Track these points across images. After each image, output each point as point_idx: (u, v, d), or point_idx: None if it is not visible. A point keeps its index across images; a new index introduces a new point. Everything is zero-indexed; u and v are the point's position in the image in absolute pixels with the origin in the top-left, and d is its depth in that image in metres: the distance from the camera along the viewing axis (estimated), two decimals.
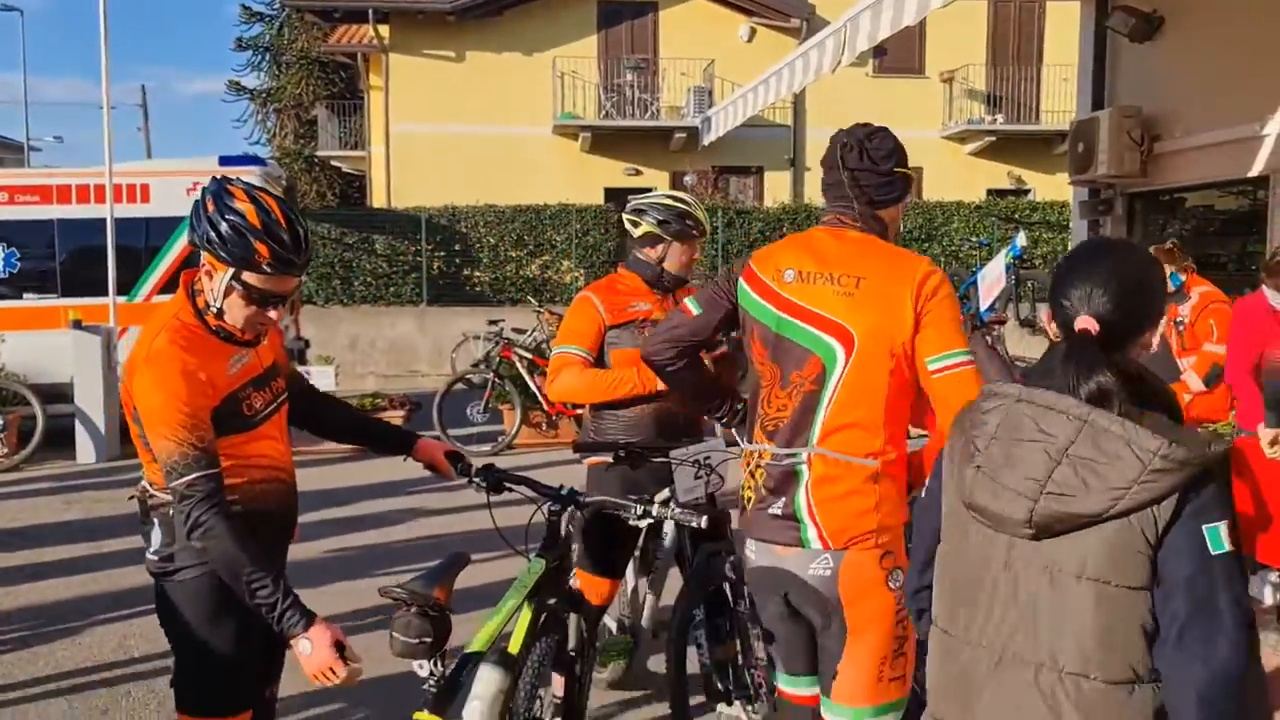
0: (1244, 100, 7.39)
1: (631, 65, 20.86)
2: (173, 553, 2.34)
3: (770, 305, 2.40)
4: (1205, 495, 1.55)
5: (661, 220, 3.51)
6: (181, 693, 2.40)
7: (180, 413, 2.19)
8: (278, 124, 31.48)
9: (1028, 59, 21.93)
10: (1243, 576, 1.57)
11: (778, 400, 2.39)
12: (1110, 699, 1.57)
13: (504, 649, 2.59)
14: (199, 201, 2.29)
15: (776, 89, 7.32)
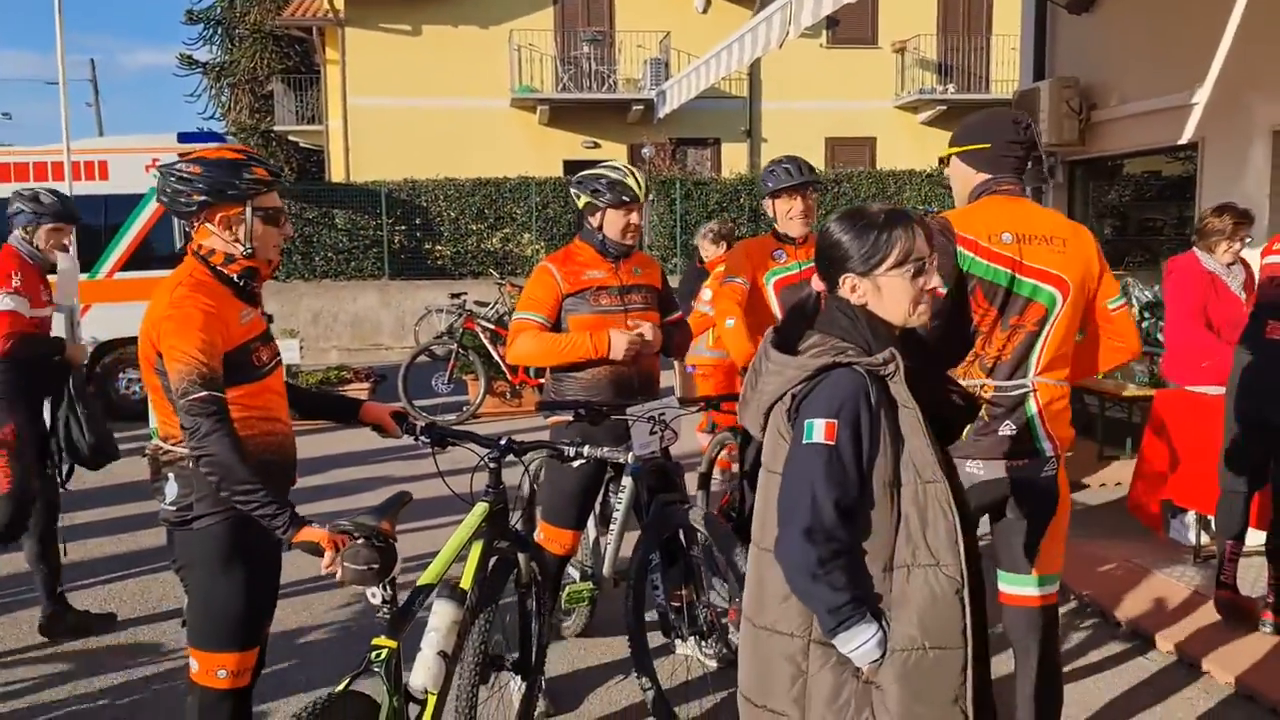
0: (1175, 70, 7.70)
1: (588, 38, 20.91)
2: (190, 503, 2.53)
3: (996, 265, 2.75)
4: (814, 395, 1.91)
5: (594, 190, 3.70)
6: (197, 631, 2.59)
7: (198, 338, 2.42)
8: (232, 98, 31.06)
9: (977, 29, 22.25)
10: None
11: (997, 341, 2.78)
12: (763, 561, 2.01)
13: (455, 583, 2.81)
14: (182, 178, 2.51)
15: (728, 62, 7.49)
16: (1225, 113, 7.37)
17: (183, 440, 2.49)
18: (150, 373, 2.52)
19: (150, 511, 6.33)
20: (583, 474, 3.72)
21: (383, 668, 2.52)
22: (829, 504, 1.85)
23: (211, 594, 2.56)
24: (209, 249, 2.57)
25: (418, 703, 2.67)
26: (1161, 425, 5.01)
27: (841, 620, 1.86)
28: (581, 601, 3.99)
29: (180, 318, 2.44)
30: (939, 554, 1.89)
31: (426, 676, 2.64)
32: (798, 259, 4.16)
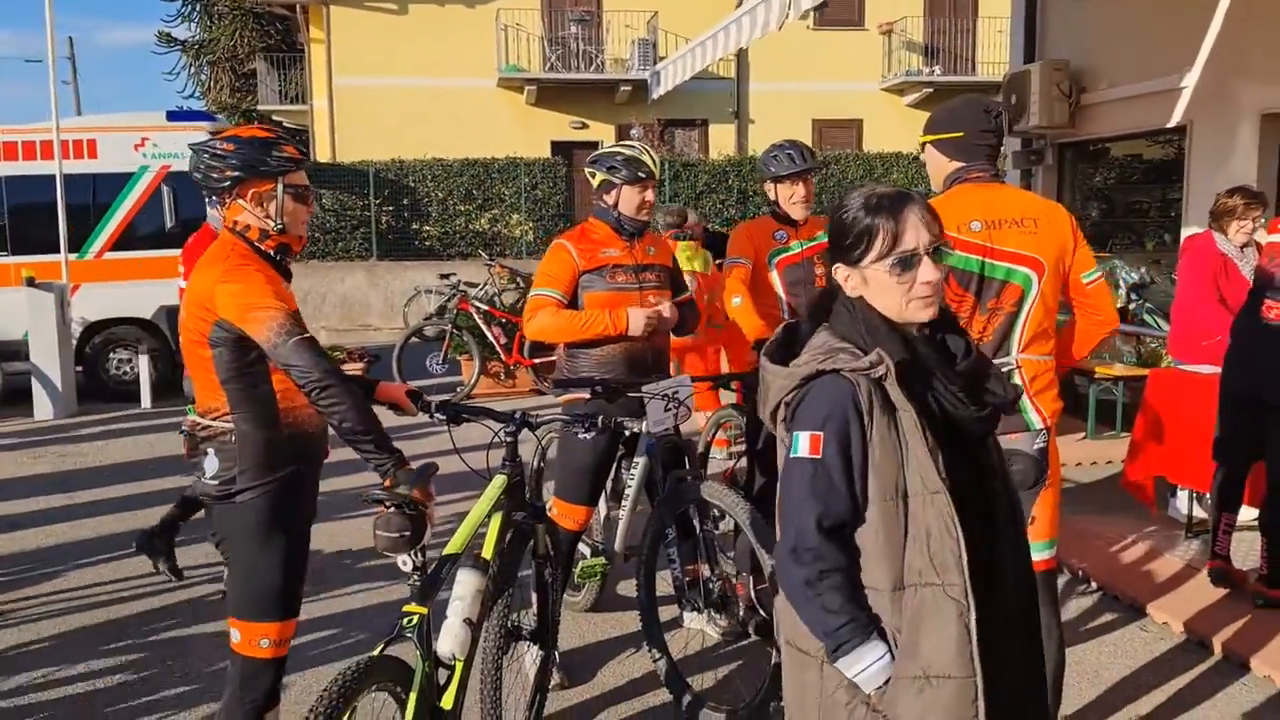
0: (1163, 54, 7.80)
1: (575, 18, 20.85)
2: (233, 476, 2.57)
3: (966, 254, 2.83)
4: (802, 406, 1.80)
5: (610, 166, 3.75)
6: (240, 602, 2.64)
7: (271, 293, 2.49)
8: (212, 77, 30.79)
9: (964, 11, 22.32)
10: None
11: (977, 325, 2.87)
12: None
13: (477, 553, 2.87)
14: (215, 154, 2.58)
15: (725, 44, 7.53)
16: (1213, 96, 7.49)
17: (226, 413, 2.55)
18: (199, 346, 2.55)
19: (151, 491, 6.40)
20: (596, 450, 3.78)
21: (414, 633, 2.58)
22: (811, 522, 1.75)
23: (255, 565, 2.61)
24: (244, 225, 2.62)
25: (446, 668, 2.73)
26: (1156, 403, 5.12)
27: (840, 643, 1.74)
28: (594, 576, 4.06)
29: (244, 279, 2.50)
30: (943, 571, 1.72)
31: (454, 644, 2.70)
32: (799, 239, 4.26)
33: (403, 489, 2.53)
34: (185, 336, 2.60)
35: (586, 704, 3.68)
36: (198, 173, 2.62)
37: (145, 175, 9.90)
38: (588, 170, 3.86)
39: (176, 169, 9.89)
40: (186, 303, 2.59)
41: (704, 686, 3.69)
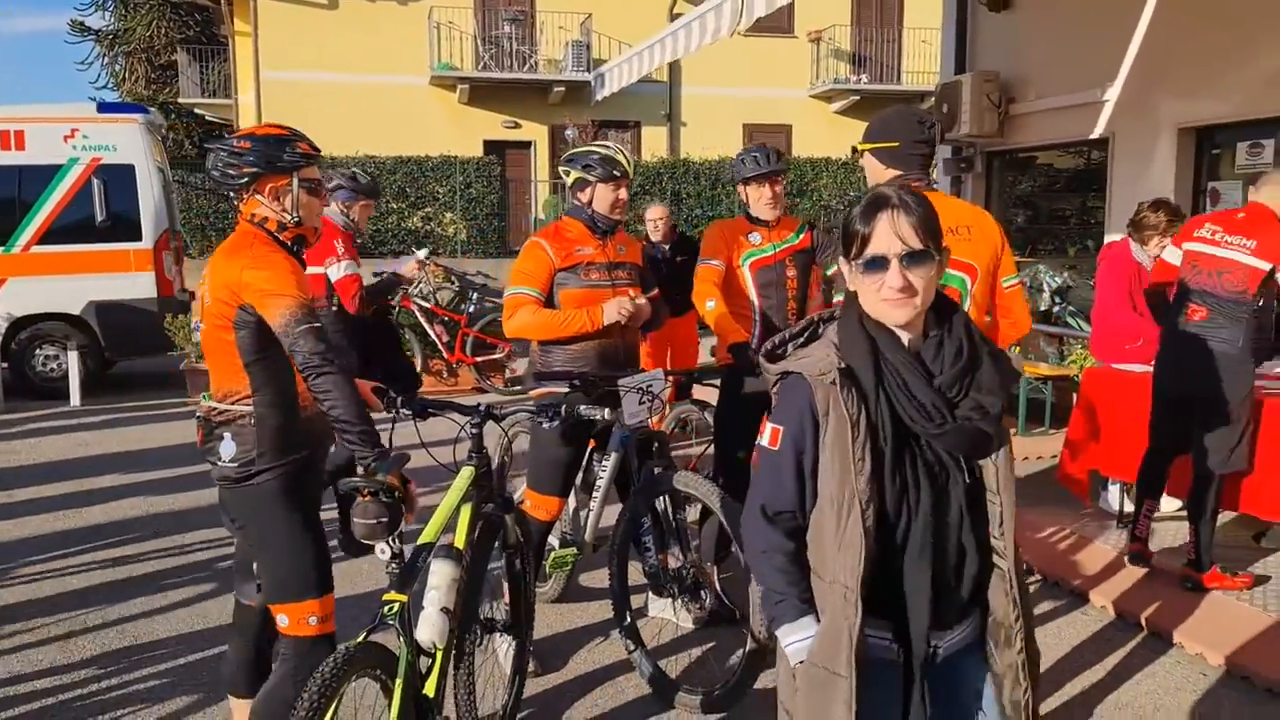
0: (1088, 68, 8.17)
1: (509, 17, 20.82)
2: (252, 458, 2.64)
3: None
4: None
5: (586, 164, 3.83)
6: (280, 585, 2.69)
7: (292, 280, 2.58)
8: (127, 68, 29.91)
9: (890, 21, 22.88)
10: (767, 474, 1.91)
11: None
12: None
13: (450, 544, 2.93)
14: (233, 152, 2.65)
15: (673, 49, 7.65)
16: (1134, 110, 7.87)
17: (244, 396, 2.62)
18: (222, 330, 2.62)
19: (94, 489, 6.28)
20: (568, 443, 3.87)
21: (396, 620, 2.61)
22: (758, 507, 1.91)
23: (287, 544, 2.67)
24: (262, 216, 2.70)
25: (427, 656, 2.79)
26: (1089, 400, 5.40)
27: (772, 617, 1.90)
28: (565, 567, 4.15)
29: (270, 266, 2.58)
30: (842, 574, 1.80)
31: (433, 632, 2.75)
32: (772, 241, 4.28)
33: (379, 476, 2.58)
34: (209, 322, 2.66)
35: (560, 691, 3.76)
36: (215, 171, 2.69)
37: (75, 167, 9.64)
38: (562, 169, 3.94)
39: (108, 161, 9.67)
40: (211, 288, 2.64)
41: (678, 672, 3.80)
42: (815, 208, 19.50)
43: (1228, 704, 3.66)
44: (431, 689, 2.75)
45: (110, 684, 3.79)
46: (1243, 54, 6.76)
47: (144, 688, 3.76)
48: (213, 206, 16.88)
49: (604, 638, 4.17)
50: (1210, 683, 3.81)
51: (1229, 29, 6.84)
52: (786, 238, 4.30)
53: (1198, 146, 7.54)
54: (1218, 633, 4.09)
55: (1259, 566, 4.74)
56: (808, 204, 19.79)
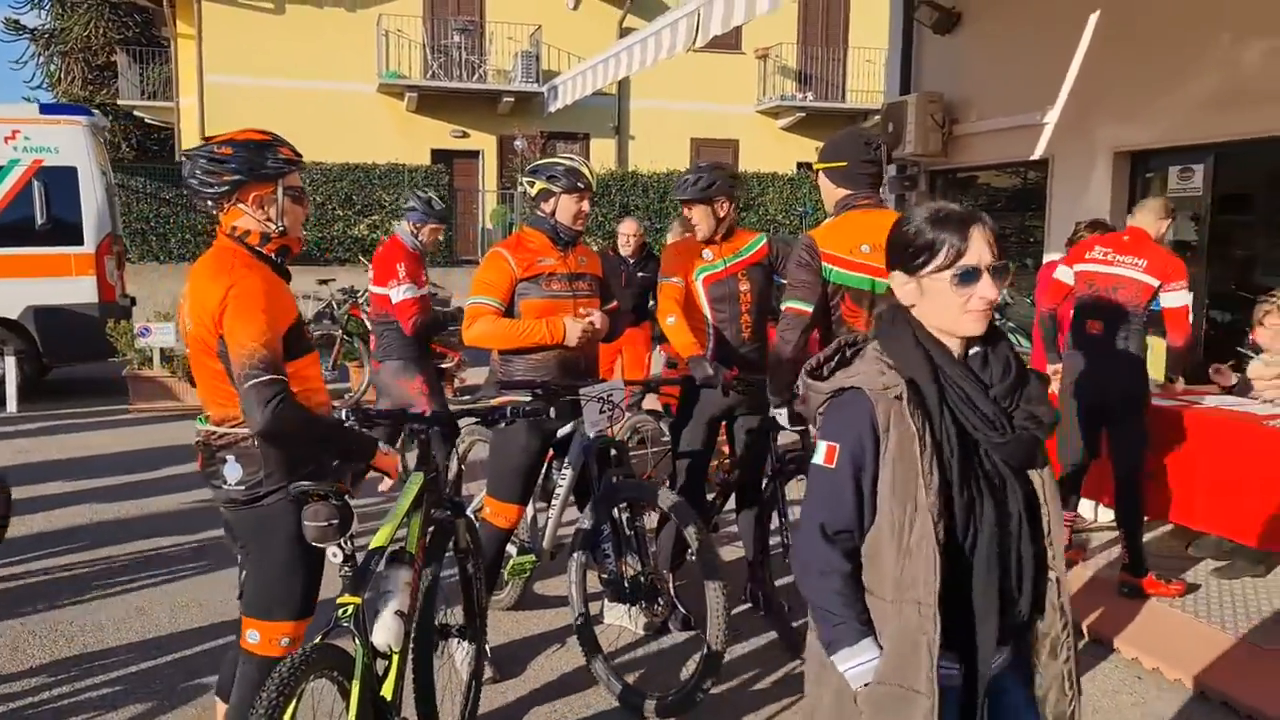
0: (1028, 91, 8.43)
1: (458, 27, 20.80)
2: (260, 479, 2.60)
3: (859, 274, 3.24)
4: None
5: (550, 175, 3.87)
6: (265, 603, 2.66)
7: (261, 320, 2.48)
8: (63, 67, 29.24)
9: (835, 41, 23.29)
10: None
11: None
12: None
13: (403, 549, 2.97)
14: (213, 159, 2.58)
15: (627, 64, 7.74)
16: (1073, 133, 8.14)
17: (239, 420, 2.56)
18: (208, 357, 2.57)
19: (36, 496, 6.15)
20: (528, 450, 3.92)
21: (351, 622, 2.62)
22: (816, 526, 1.85)
23: (285, 565, 2.64)
24: (244, 230, 2.61)
25: (384, 659, 2.81)
26: None
27: (830, 640, 1.84)
28: (523, 574, 4.18)
29: (244, 300, 2.50)
30: (917, 589, 1.76)
31: (389, 635, 2.78)
32: (723, 256, 4.36)
33: (326, 481, 2.59)
34: (194, 348, 2.60)
35: (518, 696, 3.79)
36: (193, 179, 2.58)
37: (15, 169, 9.43)
38: (525, 180, 3.99)
39: (49, 164, 9.48)
40: (192, 312, 2.56)
41: (634, 677, 3.86)
42: (761, 222, 19.74)
43: (1160, 706, 3.82)
44: (389, 691, 2.77)
45: (62, 692, 3.74)
46: (1174, 82, 7.05)
47: (96, 695, 3.72)
48: (154, 211, 16.59)
49: (561, 644, 4.21)
50: (1146, 686, 3.97)
51: (1161, 57, 7.13)
52: (739, 251, 4.38)
53: (1132, 170, 7.83)
54: (1154, 638, 4.26)
55: (1190, 575, 4.94)
56: (754, 218, 20.02)
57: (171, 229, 16.73)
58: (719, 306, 4.31)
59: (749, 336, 4.34)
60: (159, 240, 16.62)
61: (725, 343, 4.29)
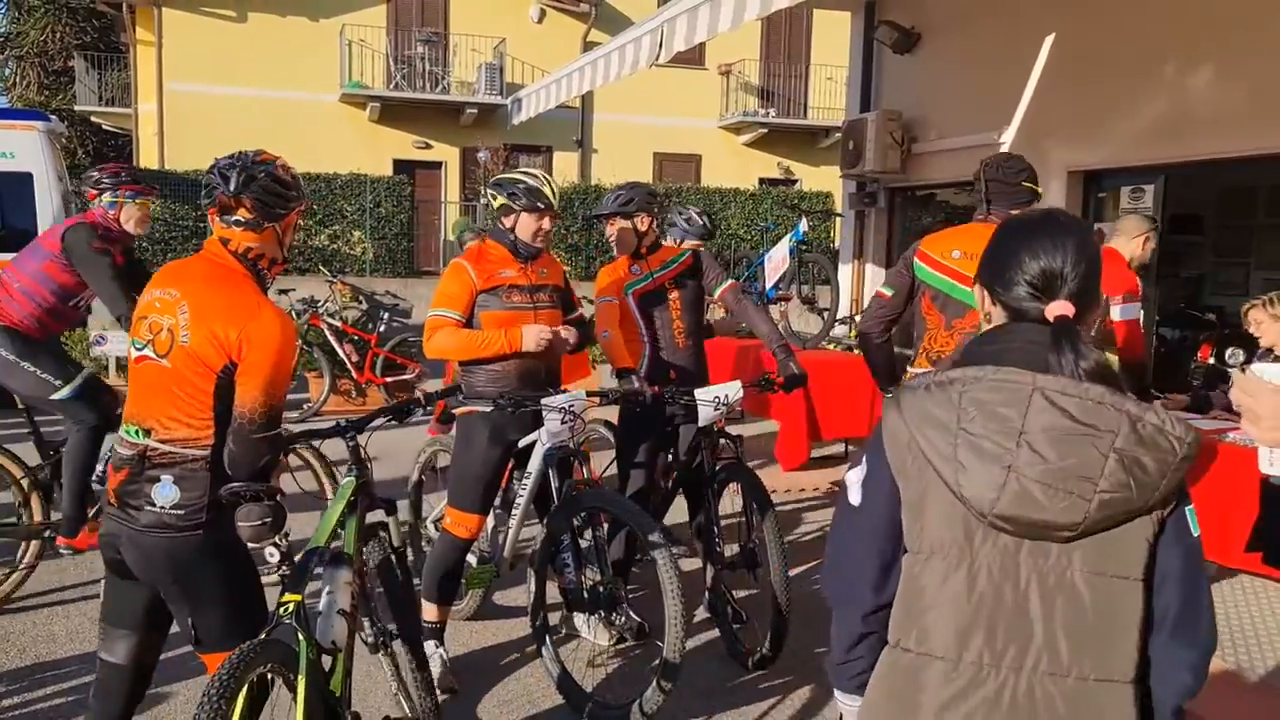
0: (984, 111, 8.61)
1: (422, 38, 20.79)
2: (204, 505, 2.52)
3: (943, 275, 3.45)
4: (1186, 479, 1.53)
5: (511, 193, 3.90)
6: (228, 631, 2.57)
7: (282, 372, 2.47)
8: (18, 72, 28.78)
9: (797, 58, 23.56)
10: None
11: (941, 339, 3.45)
12: (1126, 699, 1.52)
13: (340, 550, 2.97)
14: (282, 181, 2.60)
15: (591, 78, 7.81)
16: (1027, 152, 8.14)
17: (204, 443, 2.51)
18: (198, 376, 2.49)
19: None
20: (489, 460, 3.93)
21: (292, 618, 2.62)
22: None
23: (239, 590, 2.61)
24: (259, 252, 2.60)
25: (329, 655, 2.80)
26: None
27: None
28: (483, 584, 4.20)
29: (268, 342, 2.47)
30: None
31: (333, 632, 2.80)
32: (649, 269, 4.53)
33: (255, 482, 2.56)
34: (180, 363, 2.50)
35: (477, 706, 3.80)
36: (266, 196, 2.57)
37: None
38: (490, 192, 4.01)
39: (4, 169, 9.36)
40: (194, 328, 2.48)
41: (593, 686, 3.88)
42: (724, 236, 19.87)
43: None
44: (338, 687, 2.79)
45: (14, 703, 3.70)
46: (1125, 105, 7.24)
47: (48, 706, 3.67)
48: None
49: (519, 654, 4.23)
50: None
51: (1114, 81, 7.32)
52: (665, 262, 4.55)
53: (1085, 189, 8.01)
54: None
55: None
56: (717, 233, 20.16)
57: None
58: (651, 318, 4.49)
59: (683, 344, 4.53)
60: None
61: (660, 352, 4.50)
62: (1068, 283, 1.60)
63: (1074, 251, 1.61)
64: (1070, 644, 1.49)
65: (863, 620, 1.67)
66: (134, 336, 2.59)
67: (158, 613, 2.63)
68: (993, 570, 1.52)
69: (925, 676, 1.55)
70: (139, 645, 2.67)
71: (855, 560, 1.68)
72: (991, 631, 1.52)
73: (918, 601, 1.57)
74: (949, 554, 1.55)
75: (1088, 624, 1.49)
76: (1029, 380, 1.50)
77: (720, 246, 18.42)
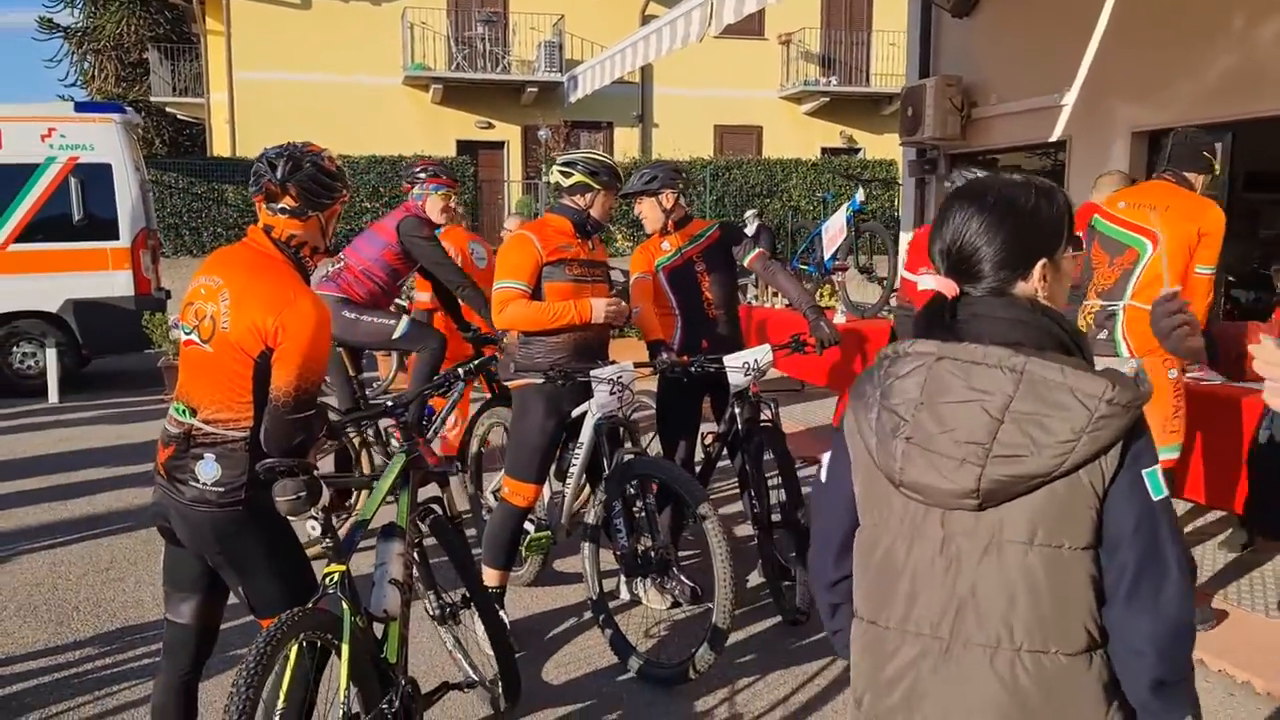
0: (1046, 73, 8.46)
1: (482, 18, 20.97)
2: (244, 482, 2.60)
3: (1111, 224, 4.15)
4: (1143, 439, 1.47)
5: (593, 171, 3.98)
6: (275, 602, 2.66)
7: (316, 356, 2.58)
8: (96, 65, 29.73)
9: (859, 24, 23.22)
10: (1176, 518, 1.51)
11: (1104, 274, 4.09)
12: (1072, 672, 1.47)
13: (394, 523, 3.09)
14: (328, 173, 2.70)
15: (644, 53, 7.85)
16: (1090, 114, 8.16)
17: (244, 424, 2.60)
18: (236, 362, 2.56)
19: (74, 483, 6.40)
20: (545, 431, 4.05)
21: (337, 588, 2.72)
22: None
23: (282, 557, 2.72)
24: (301, 240, 2.70)
25: (381, 623, 2.94)
26: None
27: None
28: (541, 550, 4.33)
29: (304, 330, 2.54)
30: None
31: (386, 602, 2.93)
32: (677, 245, 4.59)
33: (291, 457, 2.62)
34: (221, 349, 2.58)
35: (537, 666, 3.95)
36: (312, 184, 2.66)
37: (52, 166, 9.70)
38: (560, 169, 4.03)
39: (85, 160, 9.74)
40: (234, 316, 2.55)
41: (647, 647, 4.01)
42: (785, 208, 19.76)
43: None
44: (393, 654, 2.91)
45: (106, 662, 3.97)
46: (1189, 62, 7.06)
47: (138, 665, 3.92)
48: (187, 206, 16.94)
49: (577, 618, 4.37)
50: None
51: (1177, 37, 7.14)
52: (693, 237, 4.59)
53: (1150, 150, 7.84)
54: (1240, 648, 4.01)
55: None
56: (777, 204, 20.05)
57: (204, 223, 17.07)
58: (680, 291, 4.54)
59: (714, 315, 4.57)
60: (192, 234, 16.96)
61: (692, 324, 4.56)
62: (958, 258, 1.59)
63: (958, 226, 1.58)
64: (998, 615, 1.47)
65: (828, 590, 1.74)
66: (182, 321, 2.69)
67: (214, 576, 2.74)
68: (922, 541, 1.53)
69: (881, 645, 1.58)
70: (201, 606, 2.78)
71: (821, 535, 1.74)
72: (928, 602, 1.52)
73: (864, 573, 1.62)
74: (885, 525, 1.57)
75: (1018, 595, 1.46)
76: (934, 350, 1.52)
77: (781, 217, 18.33)
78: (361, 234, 5.53)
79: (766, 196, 20.08)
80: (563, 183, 4.00)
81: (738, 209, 19.20)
